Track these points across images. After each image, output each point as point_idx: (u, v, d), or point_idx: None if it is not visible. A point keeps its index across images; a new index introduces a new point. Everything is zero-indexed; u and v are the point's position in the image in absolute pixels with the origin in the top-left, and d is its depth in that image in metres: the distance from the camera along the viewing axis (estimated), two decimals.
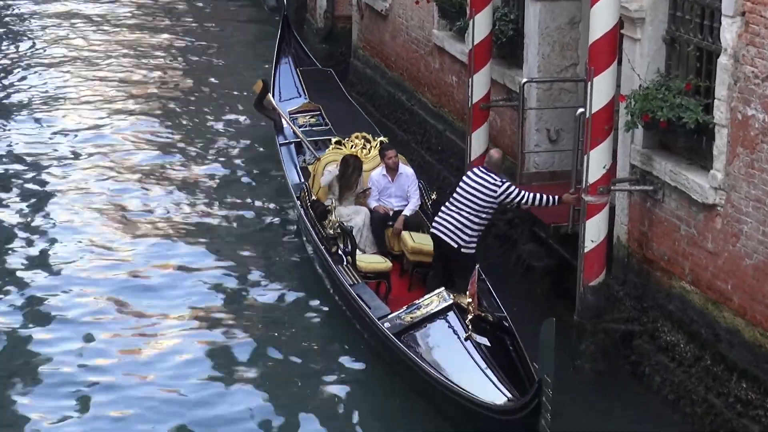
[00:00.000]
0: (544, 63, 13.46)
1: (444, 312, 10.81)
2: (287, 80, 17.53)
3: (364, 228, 13.01)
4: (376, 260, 12.51)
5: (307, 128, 15.70)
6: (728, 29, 9.66)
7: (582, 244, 11.04)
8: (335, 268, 12.22)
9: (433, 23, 16.55)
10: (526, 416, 9.21)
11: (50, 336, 12.04)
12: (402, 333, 10.82)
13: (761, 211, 9.44)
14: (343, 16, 21.76)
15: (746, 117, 9.56)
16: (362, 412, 10.83)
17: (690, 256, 10.41)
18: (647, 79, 10.66)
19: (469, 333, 10.34)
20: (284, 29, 18.51)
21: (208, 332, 12.20)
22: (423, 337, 10.79)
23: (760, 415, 9.46)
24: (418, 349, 10.61)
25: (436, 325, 10.80)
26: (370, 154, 14.06)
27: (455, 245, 11.69)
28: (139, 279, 13.35)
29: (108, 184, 16.16)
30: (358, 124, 15.51)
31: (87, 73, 21.80)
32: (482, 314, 10.79)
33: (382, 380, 11.18)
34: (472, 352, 10.25)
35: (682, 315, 10.52)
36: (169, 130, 18.73)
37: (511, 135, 14.11)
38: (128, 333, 12.11)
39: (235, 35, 25.27)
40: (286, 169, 15.09)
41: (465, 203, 11.70)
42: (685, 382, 10.39)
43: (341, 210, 13.15)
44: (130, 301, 12.80)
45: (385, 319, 11.09)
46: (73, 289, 13.03)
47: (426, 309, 10.90)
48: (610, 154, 10.86)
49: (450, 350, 10.52)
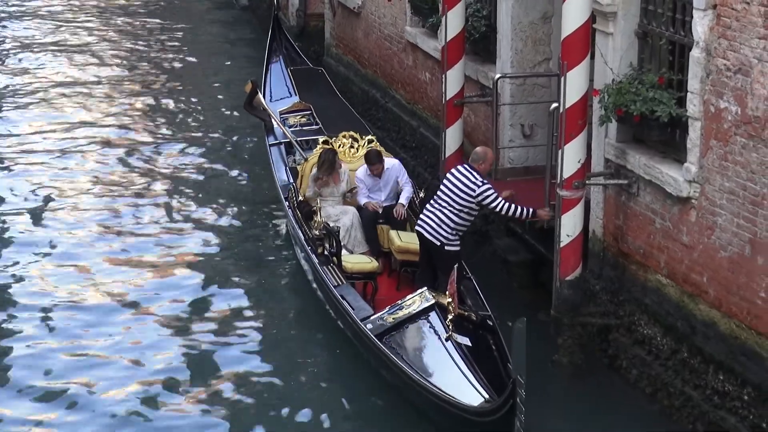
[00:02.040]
0: (518, 58, 13.47)
1: (426, 312, 10.73)
2: (278, 80, 17.38)
3: (353, 228, 12.82)
4: (362, 260, 12.38)
5: (297, 128, 15.53)
6: (700, 22, 9.69)
7: (558, 239, 11.06)
8: (320, 269, 12.11)
9: (406, 20, 16.55)
10: (502, 417, 9.16)
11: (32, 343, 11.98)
12: (384, 334, 10.74)
13: (735, 203, 9.48)
14: (315, 14, 21.76)
15: (719, 109, 9.60)
16: (343, 411, 10.80)
17: (665, 250, 10.44)
18: (620, 73, 10.69)
19: (449, 333, 10.26)
20: (274, 29, 18.35)
21: (190, 334, 12.11)
22: (404, 338, 10.72)
23: (737, 407, 9.50)
24: (399, 350, 10.53)
25: (418, 325, 10.74)
26: (358, 153, 13.89)
27: (438, 243, 11.64)
28: (120, 283, 13.26)
29: (89, 193, 15.93)
30: (349, 122, 15.35)
31: (56, 76, 21.57)
32: (465, 313, 10.73)
33: (364, 379, 11.15)
34: (452, 352, 10.18)
35: (658, 308, 10.55)
36: (146, 133, 18.58)
37: (485, 131, 14.12)
38: (107, 343, 11.96)
39: (208, 34, 25.20)
40: (275, 169, 14.92)
41: (446, 201, 11.64)
42: (661, 374, 10.42)
43: (329, 210, 12.93)
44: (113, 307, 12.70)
45: (367, 321, 10.99)
46: (59, 300, 12.86)
47: (408, 309, 10.83)
48: (584, 148, 10.88)
49: (430, 351, 10.47)
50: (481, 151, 11.82)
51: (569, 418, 10.61)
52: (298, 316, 12.64)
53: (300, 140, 15.10)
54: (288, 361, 11.59)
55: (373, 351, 10.76)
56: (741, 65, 9.29)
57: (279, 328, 12.34)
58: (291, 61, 17.96)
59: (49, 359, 11.56)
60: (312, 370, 11.49)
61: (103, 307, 12.70)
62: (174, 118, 19.52)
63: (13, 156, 17.37)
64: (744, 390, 9.44)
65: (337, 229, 12.48)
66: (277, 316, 12.60)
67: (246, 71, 20.86)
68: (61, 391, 11.00)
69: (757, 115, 9.16)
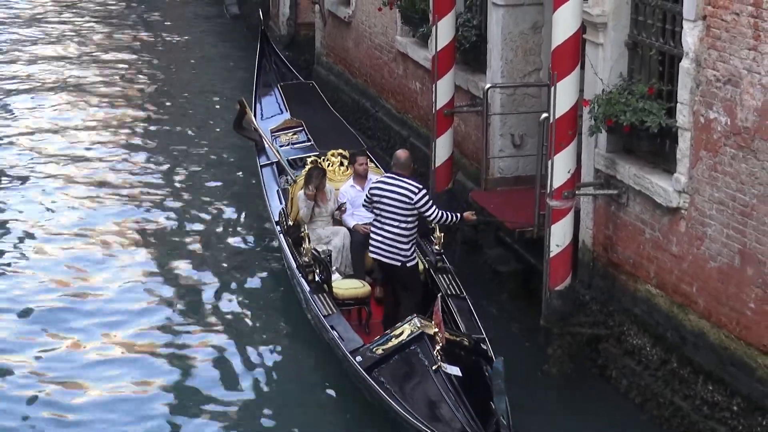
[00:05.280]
0: (508, 68, 13.48)
1: (415, 341, 10.35)
2: (269, 97, 16.89)
3: (344, 249, 12.46)
4: (353, 285, 11.95)
5: (288, 146, 15.04)
6: (690, 33, 9.71)
7: (547, 249, 11.06)
8: (311, 298, 11.68)
9: (396, 29, 16.56)
10: None
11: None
12: (373, 367, 10.38)
13: (725, 213, 9.49)
14: (305, 23, 21.76)
15: (708, 120, 9.61)
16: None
17: (655, 260, 10.44)
18: (610, 83, 10.70)
19: (438, 364, 9.88)
20: (263, 44, 17.85)
21: (184, 360, 11.90)
22: (393, 370, 10.31)
23: (726, 417, 9.51)
24: (388, 384, 10.17)
25: (406, 356, 10.34)
26: (348, 171, 13.49)
27: (399, 263, 11.31)
28: (111, 307, 13.01)
29: (79, 212, 15.59)
30: (341, 135, 15.04)
31: (43, 95, 21.08)
32: (456, 338, 10.44)
33: (354, 405, 10.97)
34: (441, 384, 9.81)
35: (647, 318, 10.55)
36: (131, 150, 18.16)
37: (475, 140, 14.13)
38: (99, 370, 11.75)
39: (199, 45, 25.05)
40: (267, 191, 14.45)
41: (389, 215, 11.26)
42: (651, 385, 10.42)
43: (319, 232, 12.52)
44: (102, 330, 12.51)
45: (356, 353, 10.66)
46: (39, 307, 12.82)
47: (398, 340, 10.46)
48: (574, 158, 10.88)
49: (419, 383, 10.07)
50: (404, 155, 11.50)
51: (558, 428, 10.60)
52: (287, 341, 12.38)
53: (292, 159, 14.67)
54: (276, 383, 11.47)
55: (364, 384, 10.45)
56: (730, 76, 9.31)
57: (271, 358, 12.06)
58: (281, 76, 17.50)
59: (23, 367, 11.56)
60: (304, 392, 11.31)
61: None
62: (162, 134, 19.08)
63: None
64: (733, 400, 9.45)
65: (328, 253, 12.09)
66: (268, 343, 12.31)
67: (236, 84, 20.73)
68: (39, 399, 11.03)
69: (746, 125, 9.18)
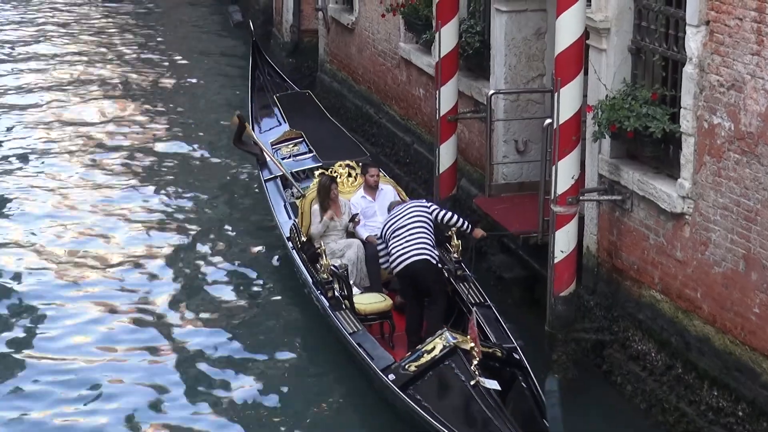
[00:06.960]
0: (511, 74, 13.48)
1: (447, 357, 10.07)
2: (265, 110, 16.66)
3: (359, 262, 12.35)
4: (374, 300, 11.80)
5: (290, 158, 14.85)
6: (693, 38, 9.71)
7: (552, 255, 11.06)
8: (333, 316, 11.47)
9: (400, 36, 16.57)
10: None
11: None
12: (408, 384, 10.13)
13: (729, 218, 9.49)
14: (309, 30, 21.75)
15: (712, 125, 9.61)
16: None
17: (659, 265, 10.44)
18: (614, 89, 10.70)
19: (476, 380, 9.65)
20: (255, 56, 17.58)
21: (198, 371, 11.85)
22: (429, 387, 10.05)
23: (732, 423, 9.50)
24: (425, 401, 9.93)
25: (441, 372, 10.09)
26: (356, 181, 13.42)
27: (434, 261, 11.51)
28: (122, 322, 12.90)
29: (81, 229, 15.36)
30: (342, 144, 14.95)
31: (42, 107, 20.81)
32: (489, 350, 10.27)
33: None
34: (481, 400, 9.57)
35: (652, 324, 10.55)
36: (132, 165, 17.88)
37: (479, 147, 14.13)
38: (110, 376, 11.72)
39: (204, 54, 24.94)
40: (274, 206, 14.16)
41: (414, 227, 11.59)
42: (656, 390, 10.42)
43: (332, 246, 12.37)
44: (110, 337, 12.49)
45: (389, 371, 10.35)
46: (56, 325, 12.71)
47: (430, 356, 10.22)
48: (578, 164, 10.89)
49: (457, 399, 9.88)
50: (394, 202, 12.25)
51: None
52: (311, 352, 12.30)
53: (296, 171, 14.49)
54: (302, 397, 11.37)
55: (398, 402, 10.18)
56: (734, 81, 9.31)
57: (289, 373, 11.95)
58: (276, 87, 17.25)
59: (31, 367, 11.69)
60: (329, 407, 11.29)
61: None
62: (165, 146, 18.87)
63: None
64: (738, 406, 9.44)
65: (344, 268, 11.95)
66: (286, 359, 12.19)
67: (238, 93, 20.66)
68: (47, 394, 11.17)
69: (750, 131, 9.18)
